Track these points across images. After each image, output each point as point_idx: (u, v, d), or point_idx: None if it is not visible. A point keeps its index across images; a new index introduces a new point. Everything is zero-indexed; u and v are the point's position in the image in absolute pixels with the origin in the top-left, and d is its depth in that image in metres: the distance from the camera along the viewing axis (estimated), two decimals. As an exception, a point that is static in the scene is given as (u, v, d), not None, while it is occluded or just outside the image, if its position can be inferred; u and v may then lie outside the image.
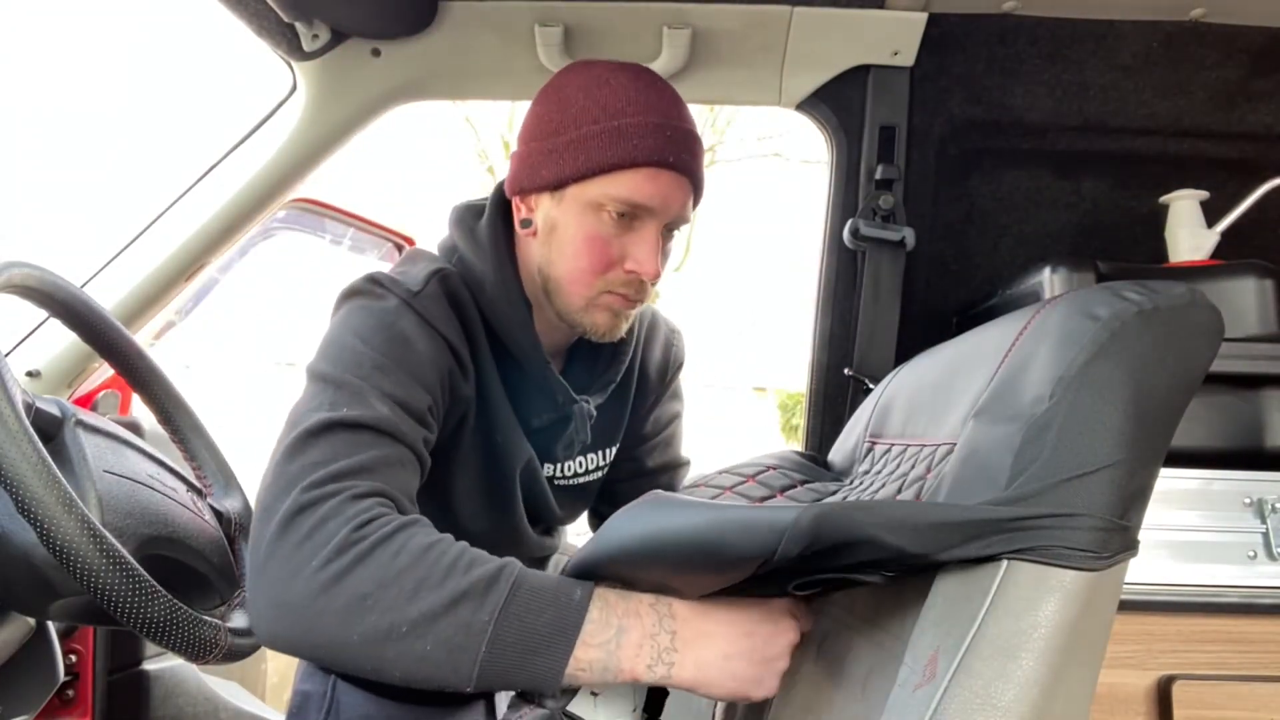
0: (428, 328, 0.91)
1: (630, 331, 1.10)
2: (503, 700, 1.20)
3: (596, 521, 1.28)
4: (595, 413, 1.06)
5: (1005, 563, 0.61)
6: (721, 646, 0.72)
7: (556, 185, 0.95)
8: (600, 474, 1.18)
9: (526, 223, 0.99)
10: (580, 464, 1.14)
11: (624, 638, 0.70)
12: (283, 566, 0.68)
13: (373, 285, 0.92)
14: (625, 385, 1.16)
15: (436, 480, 0.98)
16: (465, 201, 1.08)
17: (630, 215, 0.93)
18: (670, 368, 1.23)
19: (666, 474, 1.26)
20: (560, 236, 0.96)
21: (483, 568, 0.70)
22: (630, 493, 1.03)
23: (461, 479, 1.02)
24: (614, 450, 1.18)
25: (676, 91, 0.99)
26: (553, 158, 0.95)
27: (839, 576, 0.67)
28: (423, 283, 0.93)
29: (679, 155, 0.93)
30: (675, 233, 1.00)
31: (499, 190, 1.05)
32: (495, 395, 1.00)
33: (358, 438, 0.77)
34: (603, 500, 1.23)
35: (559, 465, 1.12)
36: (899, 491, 0.86)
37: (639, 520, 0.72)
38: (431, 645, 0.67)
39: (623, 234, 0.94)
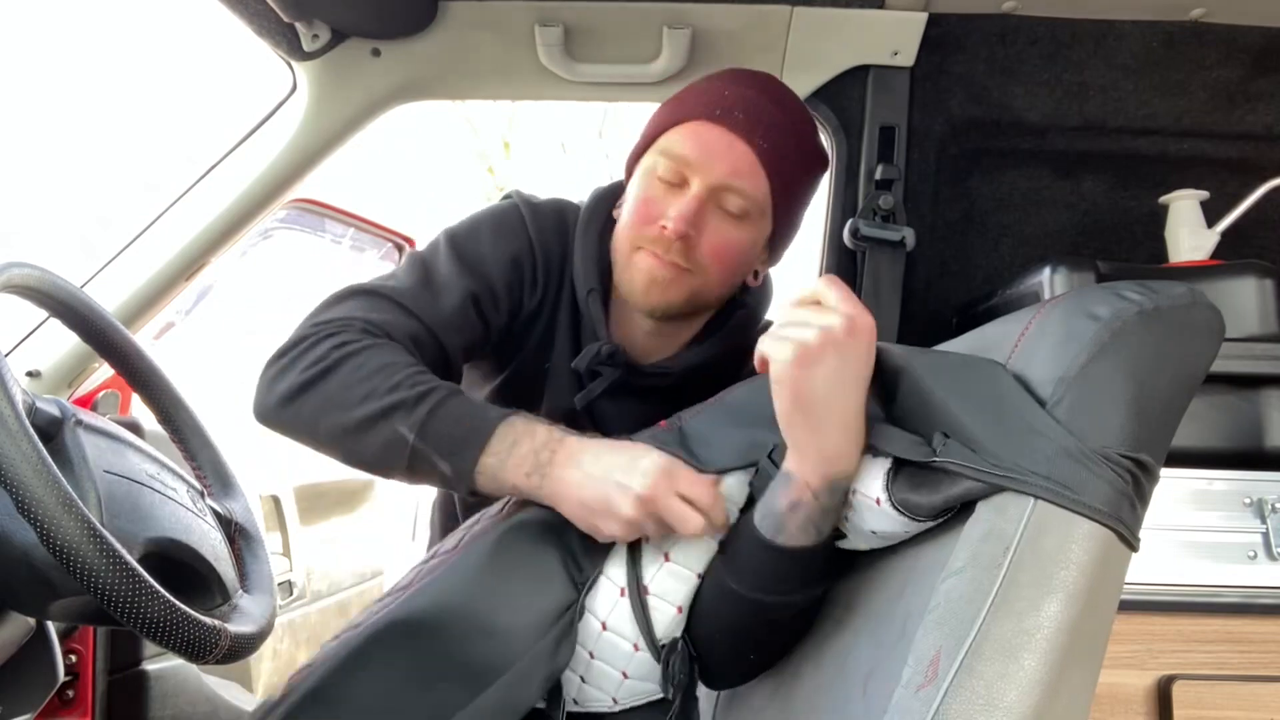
0: (520, 227, 1.02)
1: (725, 329, 1.07)
2: None
3: None
4: (606, 351, 1.01)
5: (1032, 501, 0.62)
6: (583, 469, 0.81)
7: (632, 166, 1.03)
8: None
9: (619, 205, 1.05)
10: None
11: (515, 449, 0.83)
12: (275, 370, 0.88)
13: (509, 195, 1.07)
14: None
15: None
16: None
17: (677, 179, 0.95)
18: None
19: None
20: (625, 204, 1.02)
21: (423, 385, 0.84)
22: None
23: (501, 393, 1.08)
24: None
25: (773, 78, 1.02)
26: (634, 148, 1.04)
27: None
28: (547, 201, 1.07)
29: (729, 111, 0.93)
30: (737, 217, 0.95)
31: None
32: (560, 329, 1.06)
33: (379, 303, 0.92)
34: None
35: None
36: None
37: None
38: (372, 442, 0.84)
39: (668, 196, 0.95)
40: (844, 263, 1.48)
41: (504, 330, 1.03)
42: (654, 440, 0.85)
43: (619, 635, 0.86)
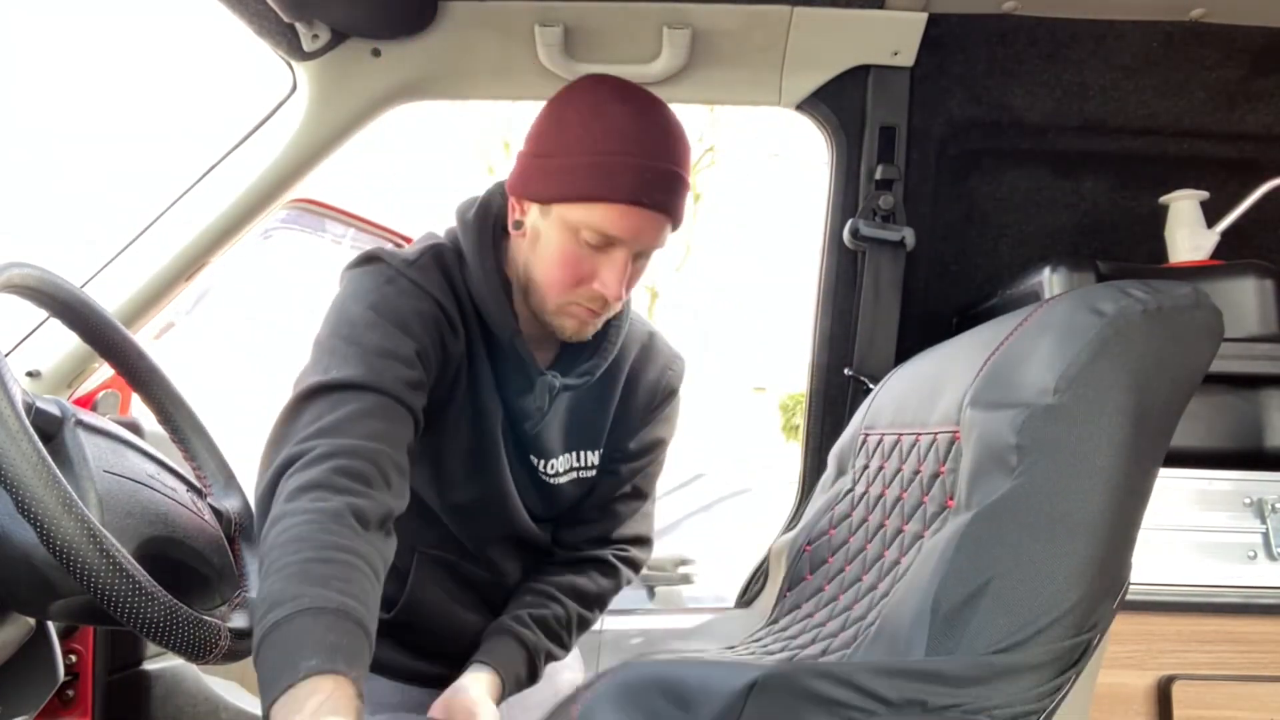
0: (418, 289, 1.04)
1: (615, 331, 1.16)
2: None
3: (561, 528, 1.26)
4: (557, 385, 1.12)
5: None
6: None
7: (545, 201, 1.03)
8: (579, 475, 1.19)
9: (519, 224, 1.07)
10: (563, 462, 1.17)
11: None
12: (260, 504, 0.89)
13: (370, 259, 1.06)
14: (608, 389, 1.18)
15: (427, 447, 1.08)
16: (470, 196, 1.16)
17: (604, 242, 1.01)
18: (661, 392, 1.23)
19: (634, 500, 1.26)
20: (542, 247, 1.04)
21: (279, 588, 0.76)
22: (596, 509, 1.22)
23: (451, 442, 1.10)
24: (595, 455, 1.20)
25: (673, 124, 1.04)
26: (544, 176, 1.03)
27: None
28: (417, 255, 1.08)
29: (654, 195, 1.00)
30: (647, 259, 1.07)
31: (498, 185, 1.13)
32: (481, 361, 1.10)
33: (338, 396, 0.93)
34: (580, 509, 1.24)
35: (545, 461, 1.16)
36: (897, 486, 0.86)
37: None
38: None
39: (595, 255, 1.02)
40: (844, 263, 1.48)
41: (432, 385, 1.06)
42: None
43: None
